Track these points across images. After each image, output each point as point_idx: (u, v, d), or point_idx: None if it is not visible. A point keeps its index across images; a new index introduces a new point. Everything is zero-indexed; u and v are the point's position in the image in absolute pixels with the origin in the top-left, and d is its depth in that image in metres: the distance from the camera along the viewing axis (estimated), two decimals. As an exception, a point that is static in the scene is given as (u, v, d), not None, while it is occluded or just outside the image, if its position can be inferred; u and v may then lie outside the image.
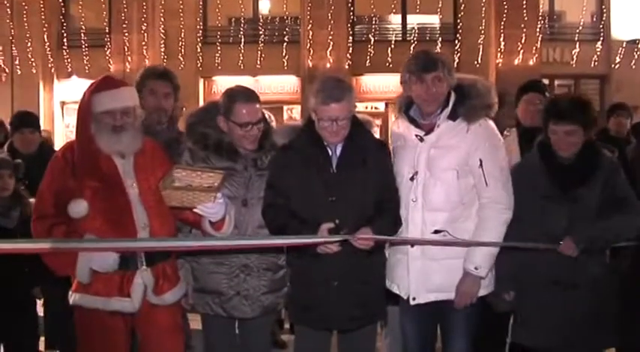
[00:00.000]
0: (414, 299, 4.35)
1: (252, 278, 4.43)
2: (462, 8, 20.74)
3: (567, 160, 4.43)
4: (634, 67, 20.25)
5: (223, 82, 19.82)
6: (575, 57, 20.59)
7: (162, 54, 20.46)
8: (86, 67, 20.10)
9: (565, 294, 4.37)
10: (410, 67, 4.33)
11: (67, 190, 4.03)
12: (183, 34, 20.53)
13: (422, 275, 4.33)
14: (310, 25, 20.03)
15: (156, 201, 4.10)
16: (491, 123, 4.43)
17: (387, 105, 21.44)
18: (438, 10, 20.92)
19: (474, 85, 4.38)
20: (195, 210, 3.97)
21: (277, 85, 21.50)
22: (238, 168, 4.42)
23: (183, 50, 20.58)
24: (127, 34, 19.71)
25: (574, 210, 4.35)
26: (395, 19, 21.69)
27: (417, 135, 4.37)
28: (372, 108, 21.21)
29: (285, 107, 20.99)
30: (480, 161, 4.25)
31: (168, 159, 4.39)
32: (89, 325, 4.15)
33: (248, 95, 4.41)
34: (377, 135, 4.70)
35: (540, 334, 4.47)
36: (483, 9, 20.12)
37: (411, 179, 4.33)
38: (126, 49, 19.65)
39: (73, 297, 4.16)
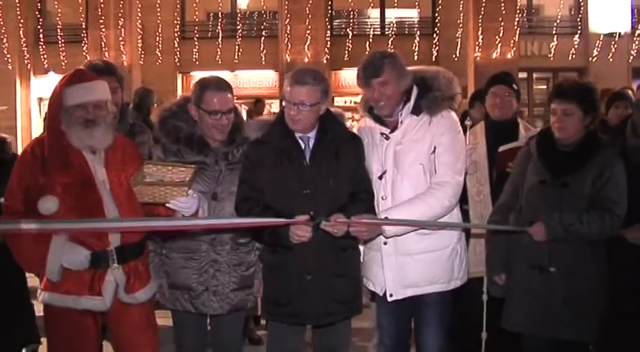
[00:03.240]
0: (391, 295, 4.34)
1: (221, 274, 4.40)
2: (440, 2, 20.85)
3: (566, 147, 4.43)
4: (611, 59, 20.38)
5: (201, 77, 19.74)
6: (553, 50, 20.73)
7: (140, 49, 20.39)
8: (63, 63, 19.95)
9: (542, 278, 4.37)
10: (358, 72, 4.33)
11: (37, 186, 3.94)
12: (160, 29, 20.52)
13: (397, 271, 4.32)
14: (288, 20, 20.00)
15: (127, 198, 4.05)
16: (453, 114, 4.44)
17: (365, 99, 21.46)
18: (417, 4, 20.98)
19: (436, 77, 4.38)
20: (167, 205, 3.94)
21: (255, 80, 21.54)
22: (209, 161, 4.39)
23: (160, 45, 20.57)
24: (104, 30, 19.55)
25: (563, 196, 4.35)
26: (373, 14, 21.74)
27: (382, 133, 4.37)
28: (350, 102, 21.21)
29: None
30: (434, 148, 4.26)
31: (139, 154, 4.33)
32: (59, 324, 4.06)
33: (219, 84, 4.43)
34: (354, 129, 4.67)
35: (522, 319, 4.48)
36: (461, 3, 20.14)
37: (380, 178, 4.32)
38: (103, 45, 19.49)
39: (42, 296, 4.06)
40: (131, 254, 4.12)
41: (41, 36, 20.95)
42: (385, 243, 4.32)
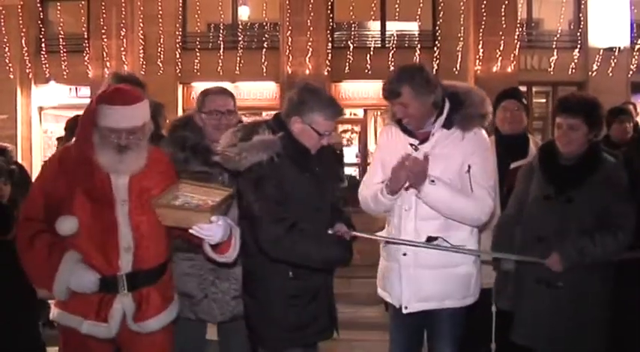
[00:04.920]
0: (405, 308, 4.34)
1: (221, 282, 4.43)
2: (440, 15, 20.86)
3: (569, 161, 4.45)
4: (611, 74, 20.40)
5: (202, 88, 19.65)
6: (552, 64, 20.74)
7: (141, 59, 20.42)
8: (64, 73, 20.03)
9: (549, 293, 4.39)
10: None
11: (57, 195, 3.75)
12: (162, 39, 20.53)
13: (414, 284, 4.32)
14: (289, 31, 20.06)
15: (148, 222, 3.80)
16: (484, 132, 4.43)
17: (365, 111, 21.55)
18: (417, 16, 21.05)
19: (468, 93, 4.36)
20: (190, 231, 3.66)
21: (256, 91, 21.53)
22: (213, 172, 4.42)
23: (162, 56, 20.57)
24: (105, 40, 19.64)
25: (568, 211, 4.36)
26: (374, 26, 21.76)
27: (411, 144, 4.34)
28: (351, 114, 21.29)
29: (264, 113, 20.77)
30: (469, 167, 4.24)
31: (172, 173, 4.06)
32: (70, 342, 3.92)
33: (221, 89, 4.63)
34: (356, 142, 4.71)
35: (530, 333, 4.50)
36: (462, 16, 20.22)
37: (406, 189, 4.27)
38: (104, 55, 19.58)
39: (52, 312, 3.93)
40: (144, 281, 3.88)
41: (43, 45, 20.95)
42: (404, 254, 4.32)
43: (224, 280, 4.43)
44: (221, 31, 21.07)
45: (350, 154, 21.77)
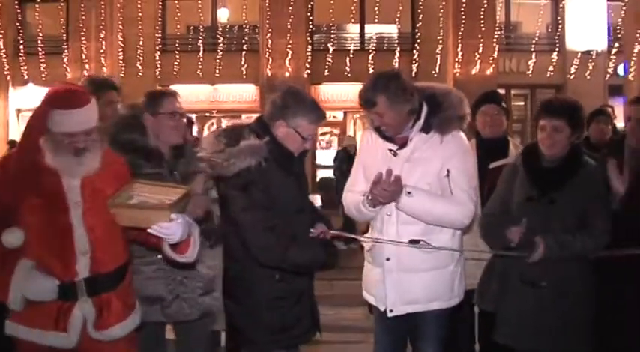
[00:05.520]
0: (391, 311, 4.33)
1: (189, 281, 4.43)
2: (420, 18, 21.00)
3: (551, 163, 4.50)
4: (589, 77, 20.63)
5: (182, 91, 19.63)
6: (531, 67, 20.94)
7: (121, 62, 20.40)
8: (43, 75, 19.94)
9: (533, 293, 4.44)
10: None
11: (3, 203, 3.54)
12: (141, 42, 20.51)
13: (399, 287, 4.31)
14: (269, 34, 20.08)
15: (104, 223, 3.60)
16: (463, 134, 4.42)
17: (345, 114, 21.64)
18: (397, 19, 21.18)
19: (447, 95, 4.35)
20: (149, 230, 3.48)
21: (236, 94, 21.60)
22: (164, 173, 4.39)
23: (141, 58, 20.56)
24: (84, 42, 19.56)
25: (551, 212, 4.41)
26: (353, 29, 21.88)
27: (390, 150, 4.33)
28: (330, 117, 21.32)
29: (243, 116, 20.87)
30: (448, 171, 4.24)
31: (127, 173, 3.89)
32: None
33: (172, 91, 4.66)
34: (335, 144, 4.75)
35: (513, 332, 4.54)
36: (441, 19, 20.37)
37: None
38: (83, 57, 19.51)
39: (8, 326, 3.65)
40: (104, 285, 3.67)
41: (21, 47, 20.90)
42: (388, 259, 4.31)
43: (192, 278, 4.43)
44: (200, 34, 21.11)
45: (329, 156, 21.83)
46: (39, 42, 20.51)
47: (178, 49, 20.91)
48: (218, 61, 20.62)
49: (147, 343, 4.30)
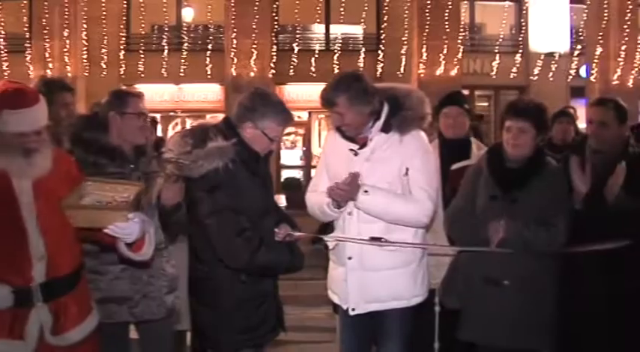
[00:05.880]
0: (353, 309, 4.39)
1: (155, 279, 4.44)
2: (385, 19, 21.05)
3: (515, 164, 4.57)
4: (552, 78, 20.85)
5: (146, 90, 19.51)
6: (495, 68, 21.10)
7: (85, 61, 20.15)
8: (5, 73, 19.64)
9: (496, 291, 4.50)
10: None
11: None
12: (105, 41, 20.31)
13: (361, 286, 4.36)
14: (234, 34, 19.99)
15: (58, 226, 3.48)
16: (423, 134, 4.48)
17: (310, 114, 21.63)
18: (362, 20, 21.24)
19: (408, 96, 4.40)
20: (105, 230, 3.39)
21: (200, 93, 21.53)
22: (126, 171, 4.40)
23: (105, 57, 20.35)
24: (48, 41, 19.30)
25: (513, 211, 4.48)
26: (318, 29, 21.87)
27: (351, 150, 4.38)
28: (295, 117, 21.25)
29: (208, 115, 20.74)
30: (407, 169, 4.30)
31: (78, 172, 3.77)
32: None
33: (135, 90, 4.76)
34: (300, 144, 4.78)
35: (477, 329, 4.60)
36: (406, 20, 20.43)
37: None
38: (47, 56, 19.27)
39: None
40: (60, 289, 3.55)
41: (-17, 46, 20.61)
42: (350, 258, 4.36)
43: (157, 277, 4.45)
44: (165, 33, 21.01)
45: (294, 156, 21.84)
46: (1, 40, 20.20)
47: (143, 48, 20.73)
48: (183, 60, 20.51)
49: (110, 344, 4.21)
